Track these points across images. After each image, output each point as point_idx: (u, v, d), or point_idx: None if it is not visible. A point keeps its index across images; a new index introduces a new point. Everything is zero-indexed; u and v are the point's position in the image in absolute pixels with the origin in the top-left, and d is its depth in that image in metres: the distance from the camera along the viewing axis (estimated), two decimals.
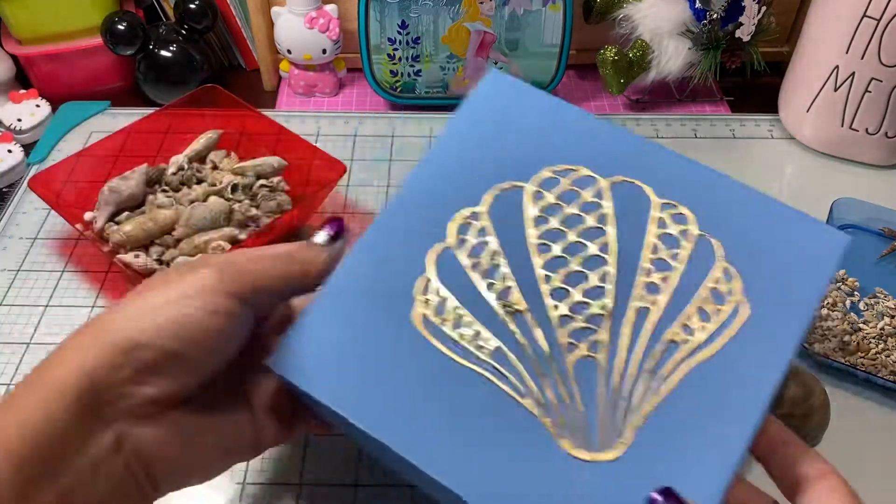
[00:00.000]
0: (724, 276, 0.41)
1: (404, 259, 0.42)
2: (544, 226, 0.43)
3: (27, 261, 0.67)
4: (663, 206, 0.44)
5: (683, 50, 0.78)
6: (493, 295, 0.41)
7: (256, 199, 0.68)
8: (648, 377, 0.39)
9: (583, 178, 0.45)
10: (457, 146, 0.46)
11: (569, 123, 0.47)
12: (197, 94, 0.75)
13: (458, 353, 0.40)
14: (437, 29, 0.79)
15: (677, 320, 0.40)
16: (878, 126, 0.74)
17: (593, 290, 0.41)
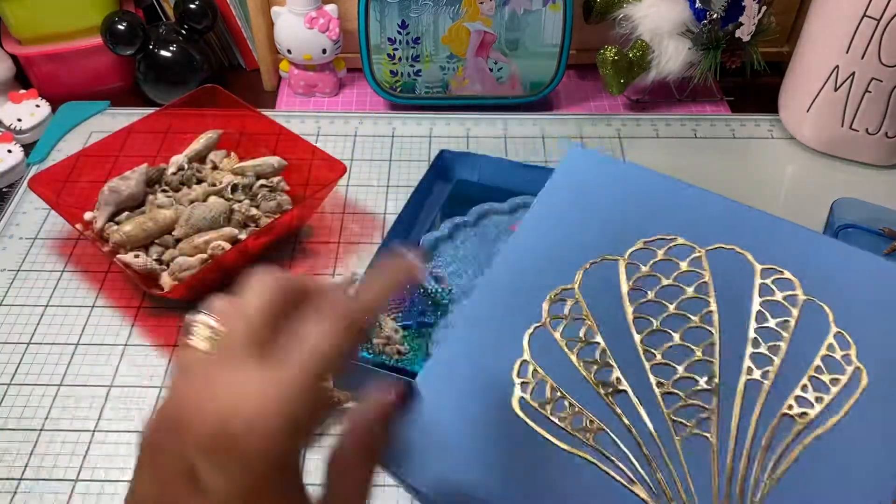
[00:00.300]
0: (838, 343, 0.39)
1: (501, 343, 0.41)
2: (641, 299, 0.42)
3: (27, 261, 0.67)
4: (765, 272, 0.41)
5: (683, 50, 0.78)
6: (592, 374, 0.40)
7: (256, 199, 0.68)
8: (763, 455, 0.36)
9: (678, 247, 0.43)
10: (544, 224, 0.45)
11: (657, 192, 0.46)
12: (197, 94, 0.75)
13: (560, 438, 0.38)
14: (437, 29, 0.79)
15: (791, 393, 0.38)
16: (878, 126, 0.74)
17: (698, 364, 0.39)
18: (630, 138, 0.81)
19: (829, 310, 0.40)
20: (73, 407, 0.56)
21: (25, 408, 0.56)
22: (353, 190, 0.74)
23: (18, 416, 0.56)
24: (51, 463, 0.53)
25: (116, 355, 0.60)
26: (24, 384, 0.58)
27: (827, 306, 0.40)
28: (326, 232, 0.70)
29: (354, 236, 0.69)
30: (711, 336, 0.40)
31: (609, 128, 0.82)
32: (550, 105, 0.86)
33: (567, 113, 0.85)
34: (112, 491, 0.51)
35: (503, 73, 0.82)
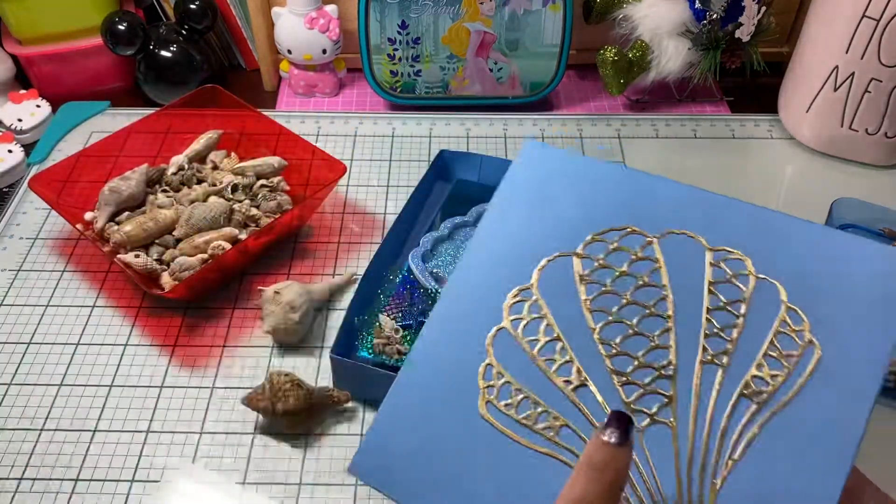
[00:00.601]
0: (791, 319, 0.39)
1: (465, 347, 0.42)
2: (597, 292, 0.42)
3: (27, 261, 0.67)
4: (716, 254, 0.42)
5: (683, 50, 0.78)
6: (554, 371, 0.41)
7: (256, 199, 0.68)
8: (722, 438, 0.37)
9: (629, 236, 0.44)
10: (502, 222, 0.46)
11: (610, 184, 0.46)
12: (197, 95, 0.75)
13: (527, 438, 0.39)
14: (437, 29, 0.79)
15: (747, 372, 0.38)
16: (877, 126, 0.74)
17: (655, 351, 0.40)
18: (630, 138, 0.81)
19: (780, 286, 0.40)
20: (73, 407, 0.57)
21: (25, 408, 0.56)
22: (353, 190, 0.74)
23: (18, 416, 0.56)
24: (51, 463, 0.53)
25: (117, 355, 0.60)
26: (24, 384, 0.58)
27: (778, 283, 0.40)
28: (326, 232, 0.70)
29: (354, 236, 0.70)
30: (667, 323, 0.41)
31: (609, 128, 0.82)
32: (550, 105, 0.86)
33: (567, 113, 0.85)
34: (112, 491, 0.51)
35: (503, 73, 0.82)
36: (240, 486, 0.51)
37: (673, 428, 0.38)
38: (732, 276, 0.41)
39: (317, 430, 0.55)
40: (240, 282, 0.65)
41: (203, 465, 0.53)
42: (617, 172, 0.47)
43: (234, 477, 0.52)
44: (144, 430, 0.55)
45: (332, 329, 0.62)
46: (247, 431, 0.55)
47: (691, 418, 0.38)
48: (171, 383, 0.58)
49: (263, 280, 0.65)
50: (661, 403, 0.39)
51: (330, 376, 0.57)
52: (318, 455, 0.53)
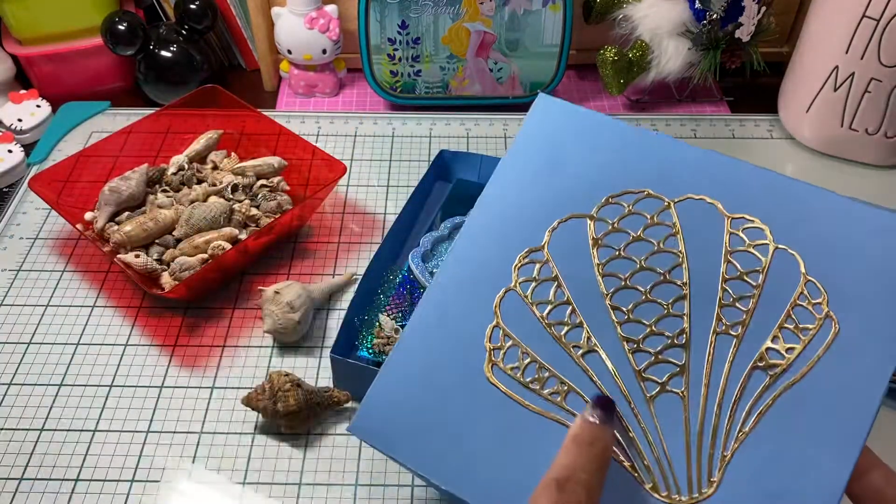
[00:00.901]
0: (809, 292, 0.38)
1: (472, 309, 0.41)
2: (609, 256, 0.41)
3: (27, 261, 0.67)
4: (735, 222, 0.40)
5: (683, 50, 0.78)
6: (563, 336, 0.40)
7: (256, 199, 0.68)
8: (734, 409, 0.36)
9: (647, 199, 0.42)
10: (513, 181, 0.44)
11: (627, 143, 0.44)
12: (197, 95, 0.75)
13: (532, 402, 0.38)
14: (437, 29, 0.79)
15: (762, 345, 0.37)
16: (877, 126, 0.74)
17: (667, 319, 0.39)
18: None
19: (799, 258, 0.39)
20: (73, 407, 0.57)
21: (25, 408, 0.56)
22: (353, 190, 0.74)
23: (18, 416, 0.56)
24: (51, 463, 0.53)
25: (117, 355, 0.60)
26: (24, 384, 0.58)
27: (798, 254, 0.39)
28: (326, 232, 0.70)
29: (354, 236, 0.70)
30: (681, 290, 0.39)
31: None
32: None
33: None
34: (112, 491, 0.51)
35: (503, 74, 0.82)
36: (240, 486, 0.51)
37: (684, 398, 0.37)
38: (751, 245, 0.40)
39: (317, 430, 0.55)
40: (240, 282, 0.65)
41: (203, 465, 0.53)
42: (634, 133, 0.44)
43: (234, 477, 0.52)
44: (144, 430, 0.55)
45: (332, 329, 0.62)
46: (247, 431, 0.55)
47: (703, 389, 0.37)
48: (171, 383, 0.58)
49: (263, 280, 0.65)
50: (673, 372, 0.38)
51: (330, 376, 0.57)
52: (318, 455, 0.53)
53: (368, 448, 0.53)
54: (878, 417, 0.57)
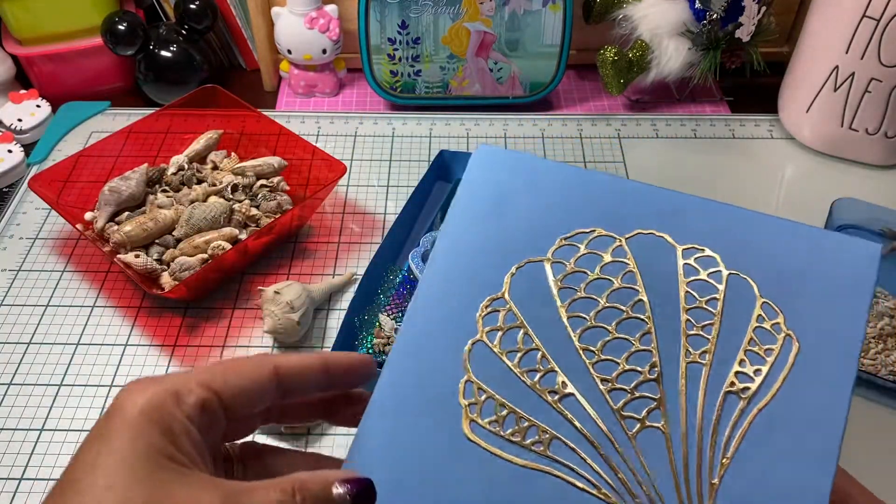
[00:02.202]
0: (766, 313, 0.40)
1: (441, 364, 0.40)
2: (571, 297, 0.41)
3: (27, 261, 0.67)
4: (686, 252, 0.42)
5: (683, 50, 0.78)
6: (537, 382, 0.39)
7: (256, 199, 0.68)
8: (714, 436, 0.37)
9: (598, 238, 0.43)
10: (463, 233, 0.44)
11: (569, 184, 0.45)
12: (197, 94, 0.75)
13: (516, 455, 0.38)
14: (437, 29, 0.79)
15: (731, 370, 0.38)
16: (878, 126, 0.74)
17: (637, 354, 0.39)
18: (630, 138, 0.81)
19: (752, 282, 0.40)
20: (72, 407, 0.57)
21: (25, 408, 0.56)
22: (353, 190, 0.74)
23: (18, 416, 0.56)
24: (51, 463, 0.53)
25: (117, 355, 0.60)
26: (24, 384, 0.58)
27: (750, 278, 0.40)
28: (326, 232, 0.70)
29: (354, 236, 0.70)
30: (646, 325, 0.40)
31: (609, 128, 0.82)
32: (550, 105, 0.86)
33: (567, 113, 0.85)
34: None
35: (503, 74, 0.82)
36: None
37: (665, 432, 0.38)
38: (704, 274, 0.41)
39: (317, 430, 0.55)
40: (240, 282, 0.65)
41: None
42: (575, 173, 0.46)
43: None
44: None
45: (332, 329, 0.62)
46: None
47: (682, 420, 0.38)
48: None
49: (263, 280, 0.65)
50: (650, 407, 0.38)
51: None
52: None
53: None
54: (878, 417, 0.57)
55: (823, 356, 0.38)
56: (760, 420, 0.37)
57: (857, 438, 0.54)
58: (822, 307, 0.39)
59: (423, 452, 0.38)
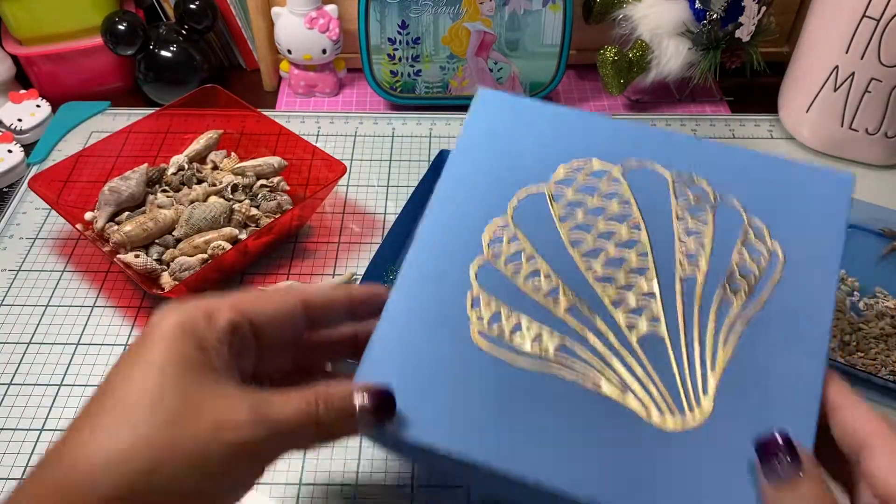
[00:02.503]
0: (753, 229, 0.43)
1: (450, 280, 0.43)
2: (571, 221, 0.44)
3: (27, 261, 0.67)
4: (677, 178, 0.45)
5: (683, 50, 0.78)
6: (541, 296, 0.42)
7: (256, 199, 0.68)
8: (713, 335, 0.40)
9: (596, 170, 0.46)
10: (469, 164, 0.47)
11: (568, 123, 0.48)
12: (197, 94, 0.75)
13: (522, 359, 0.40)
14: (437, 29, 0.79)
15: (722, 280, 0.42)
16: (877, 126, 0.74)
17: (636, 269, 0.42)
18: None
19: (739, 204, 0.44)
20: (72, 407, 0.56)
21: (25, 408, 0.56)
22: (353, 190, 0.74)
23: (18, 416, 0.56)
24: None
25: (117, 355, 0.60)
26: (24, 384, 0.58)
27: (737, 200, 0.44)
28: (326, 232, 0.70)
29: (354, 236, 0.70)
30: (642, 243, 0.43)
31: None
32: None
33: None
34: None
35: (503, 74, 0.82)
36: None
37: (665, 336, 0.41)
38: (694, 197, 0.45)
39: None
40: (240, 282, 0.65)
41: None
42: (570, 113, 0.49)
43: None
44: None
45: None
46: None
47: (681, 325, 0.41)
48: None
49: (263, 280, 0.65)
50: (651, 315, 0.41)
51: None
52: (318, 455, 0.53)
53: (368, 448, 0.53)
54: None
55: (807, 265, 0.42)
56: (754, 319, 0.41)
57: None
58: (804, 223, 0.43)
59: (433, 360, 0.40)
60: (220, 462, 0.33)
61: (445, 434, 0.38)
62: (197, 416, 0.33)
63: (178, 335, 0.35)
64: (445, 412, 0.38)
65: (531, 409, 0.38)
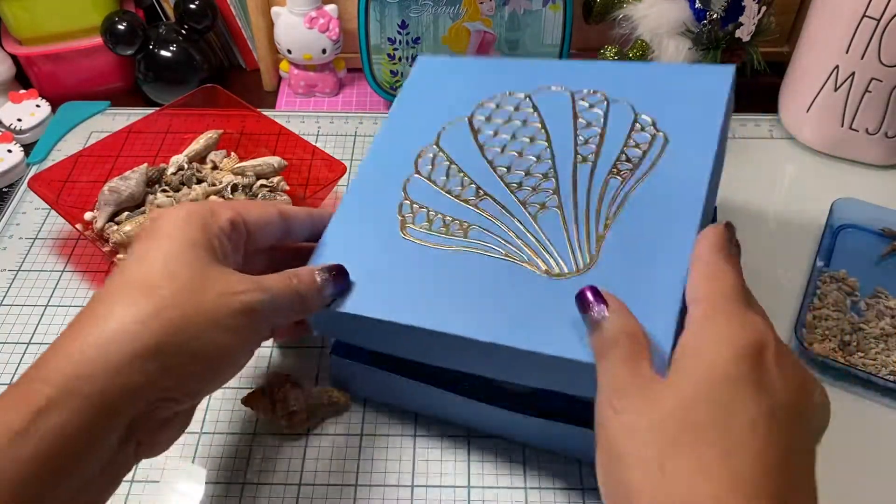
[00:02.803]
0: (641, 122, 0.52)
1: (384, 193, 0.53)
2: (486, 136, 0.55)
3: (27, 261, 0.67)
4: (577, 94, 0.55)
5: (683, 50, 0.78)
6: (459, 195, 0.51)
7: (256, 199, 0.68)
8: (601, 205, 0.48)
9: (509, 97, 0.57)
10: (406, 110, 0.58)
11: (491, 69, 0.59)
12: (197, 94, 0.75)
13: (441, 243, 0.49)
14: (437, 29, 0.79)
15: (612, 163, 0.50)
16: (878, 126, 0.74)
17: (538, 164, 0.52)
18: None
19: (629, 103, 0.53)
20: None
21: None
22: None
23: None
24: None
25: None
26: None
27: (628, 101, 0.53)
28: None
29: None
30: (545, 146, 0.53)
31: None
32: None
33: None
34: None
35: None
36: (240, 486, 0.51)
37: (560, 209, 0.49)
38: (591, 105, 0.54)
39: (317, 430, 0.55)
40: None
41: (203, 465, 0.53)
42: (493, 61, 0.61)
43: (235, 477, 0.52)
44: None
45: None
46: (247, 431, 0.55)
47: (572, 198, 0.49)
48: None
49: None
50: (548, 195, 0.50)
51: (330, 376, 0.57)
52: (318, 455, 0.53)
53: (369, 448, 0.53)
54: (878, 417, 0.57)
55: (688, 148, 0.49)
56: (637, 193, 0.48)
57: (857, 438, 0.54)
58: (687, 111, 0.51)
59: (369, 252, 0.49)
60: (235, 321, 0.39)
61: (379, 306, 0.46)
62: (210, 286, 0.39)
63: (186, 222, 0.41)
64: (379, 289, 0.47)
65: (446, 279, 0.47)
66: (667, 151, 0.49)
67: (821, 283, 0.63)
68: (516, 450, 0.53)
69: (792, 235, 0.69)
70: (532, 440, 0.52)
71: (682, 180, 0.47)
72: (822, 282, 0.63)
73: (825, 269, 0.65)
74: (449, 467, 0.52)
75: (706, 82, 0.52)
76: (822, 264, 0.65)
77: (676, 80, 0.53)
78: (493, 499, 0.50)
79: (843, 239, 0.68)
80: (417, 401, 0.54)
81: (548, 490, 0.50)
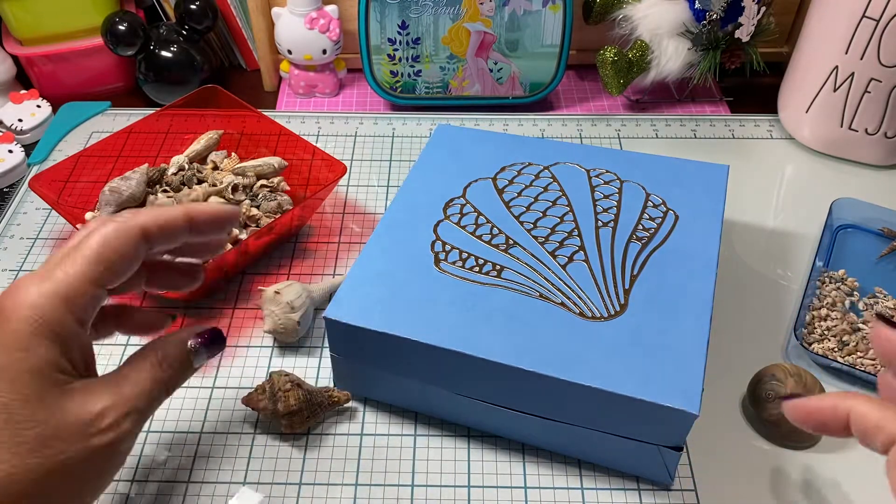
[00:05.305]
0: (653, 200, 0.59)
1: (414, 234, 0.56)
2: (511, 197, 0.60)
3: (28, 261, 0.67)
4: (592, 171, 0.62)
5: (683, 50, 0.78)
6: (488, 241, 0.55)
7: (257, 200, 0.68)
8: (625, 262, 0.54)
9: (529, 166, 0.63)
10: (431, 166, 0.63)
11: (507, 142, 0.65)
12: (197, 95, 0.75)
13: (478, 280, 0.52)
14: (437, 29, 0.79)
15: (631, 230, 0.56)
16: (877, 126, 0.74)
17: (562, 225, 0.57)
18: (630, 138, 0.81)
19: (641, 185, 0.60)
20: None
21: None
22: (353, 190, 0.74)
23: None
24: None
25: (116, 355, 0.60)
26: None
27: (639, 183, 0.61)
28: (326, 232, 0.70)
29: (354, 236, 0.70)
30: (567, 209, 0.58)
31: (609, 128, 0.82)
32: (550, 105, 0.86)
33: (567, 113, 0.85)
34: (112, 490, 0.51)
35: (503, 74, 0.82)
36: (240, 486, 0.51)
37: (587, 262, 0.54)
38: (606, 182, 0.61)
39: (317, 430, 0.55)
40: (240, 282, 0.65)
41: (203, 465, 0.53)
42: (509, 137, 0.66)
43: (234, 477, 0.52)
44: (145, 430, 0.55)
45: None
46: (247, 431, 0.55)
47: (598, 256, 0.54)
48: None
49: (263, 280, 0.65)
50: (574, 250, 0.55)
51: (330, 376, 0.57)
52: (318, 455, 0.53)
53: (368, 448, 0.53)
54: None
55: (696, 221, 0.57)
56: (656, 256, 0.54)
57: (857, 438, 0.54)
58: (693, 198, 0.59)
59: (402, 280, 0.52)
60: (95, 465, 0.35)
61: (400, 325, 0.49)
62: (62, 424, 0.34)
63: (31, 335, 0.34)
64: (404, 310, 0.50)
65: (485, 309, 0.50)
66: (678, 227, 0.56)
67: (820, 283, 0.63)
68: (516, 450, 0.53)
69: (791, 235, 0.69)
70: (532, 440, 0.52)
71: (694, 248, 0.54)
72: (822, 282, 0.63)
73: (824, 269, 0.65)
74: (449, 467, 0.52)
75: (706, 174, 0.61)
76: (822, 264, 0.65)
77: (680, 170, 0.61)
78: (492, 499, 0.50)
79: (843, 239, 0.68)
80: (417, 401, 0.54)
81: (548, 490, 0.51)
